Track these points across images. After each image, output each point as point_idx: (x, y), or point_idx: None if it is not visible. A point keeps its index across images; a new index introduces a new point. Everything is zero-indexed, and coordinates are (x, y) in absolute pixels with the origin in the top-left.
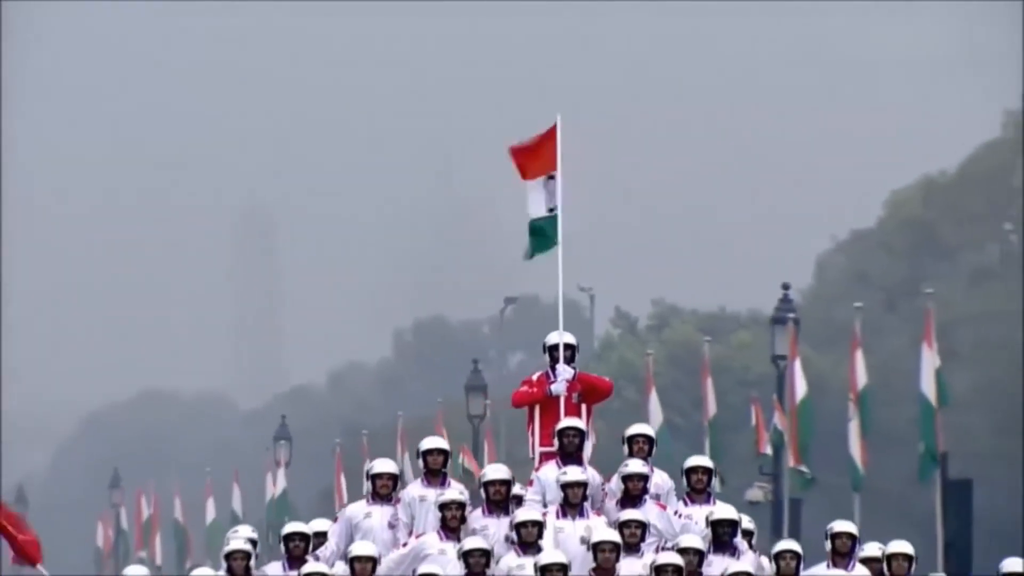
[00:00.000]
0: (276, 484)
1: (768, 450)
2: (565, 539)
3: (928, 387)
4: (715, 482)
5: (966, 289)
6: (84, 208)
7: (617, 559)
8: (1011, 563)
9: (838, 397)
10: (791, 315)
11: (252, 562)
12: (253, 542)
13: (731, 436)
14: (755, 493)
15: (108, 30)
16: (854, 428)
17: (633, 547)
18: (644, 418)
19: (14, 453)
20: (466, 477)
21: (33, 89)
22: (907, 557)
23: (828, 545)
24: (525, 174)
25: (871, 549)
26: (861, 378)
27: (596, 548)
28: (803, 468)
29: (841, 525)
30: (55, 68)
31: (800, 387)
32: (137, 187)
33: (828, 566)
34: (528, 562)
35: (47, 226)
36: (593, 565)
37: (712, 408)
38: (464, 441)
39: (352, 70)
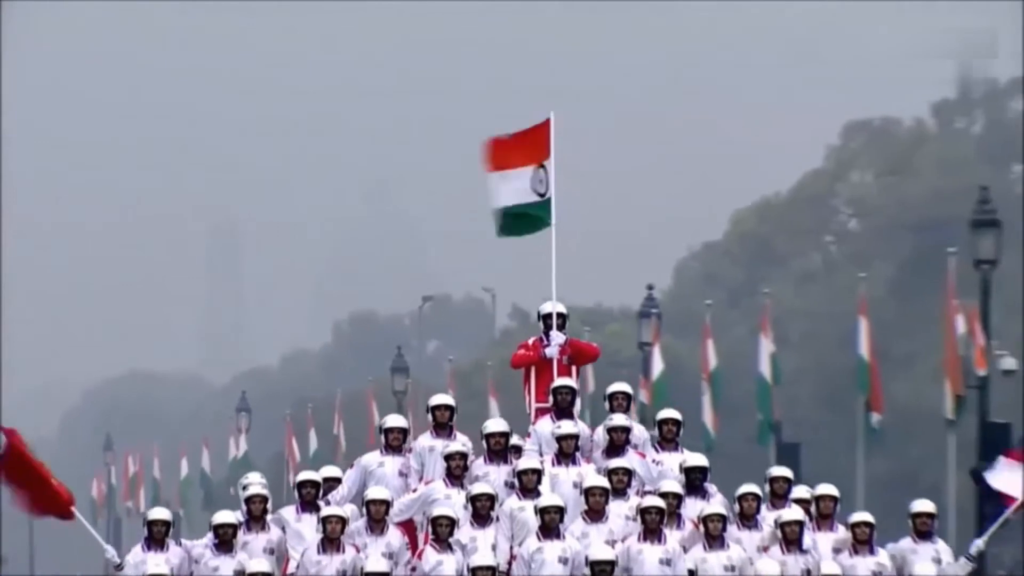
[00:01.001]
0: (238, 447)
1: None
2: (559, 484)
3: (765, 368)
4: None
5: (795, 290)
6: (83, 215)
7: (606, 502)
8: (920, 504)
9: (693, 376)
10: (654, 310)
11: (268, 505)
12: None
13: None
14: None
15: (107, 34)
16: (707, 401)
17: (620, 492)
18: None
19: (28, 421)
20: None
21: (32, 91)
22: (832, 498)
23: (767, 488)
24: (502, 164)
25: (800, 492)
26: (712, 361)
27: (587, 493)
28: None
29: (778, 471)
30: (54, 71)
31: (657, 367)
32: (131, 200)
33: (767, 508)
34: (529, 505)
35: (48, 234)
36: (585, 508)
37: (591, 386)
38: (390, 412)
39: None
